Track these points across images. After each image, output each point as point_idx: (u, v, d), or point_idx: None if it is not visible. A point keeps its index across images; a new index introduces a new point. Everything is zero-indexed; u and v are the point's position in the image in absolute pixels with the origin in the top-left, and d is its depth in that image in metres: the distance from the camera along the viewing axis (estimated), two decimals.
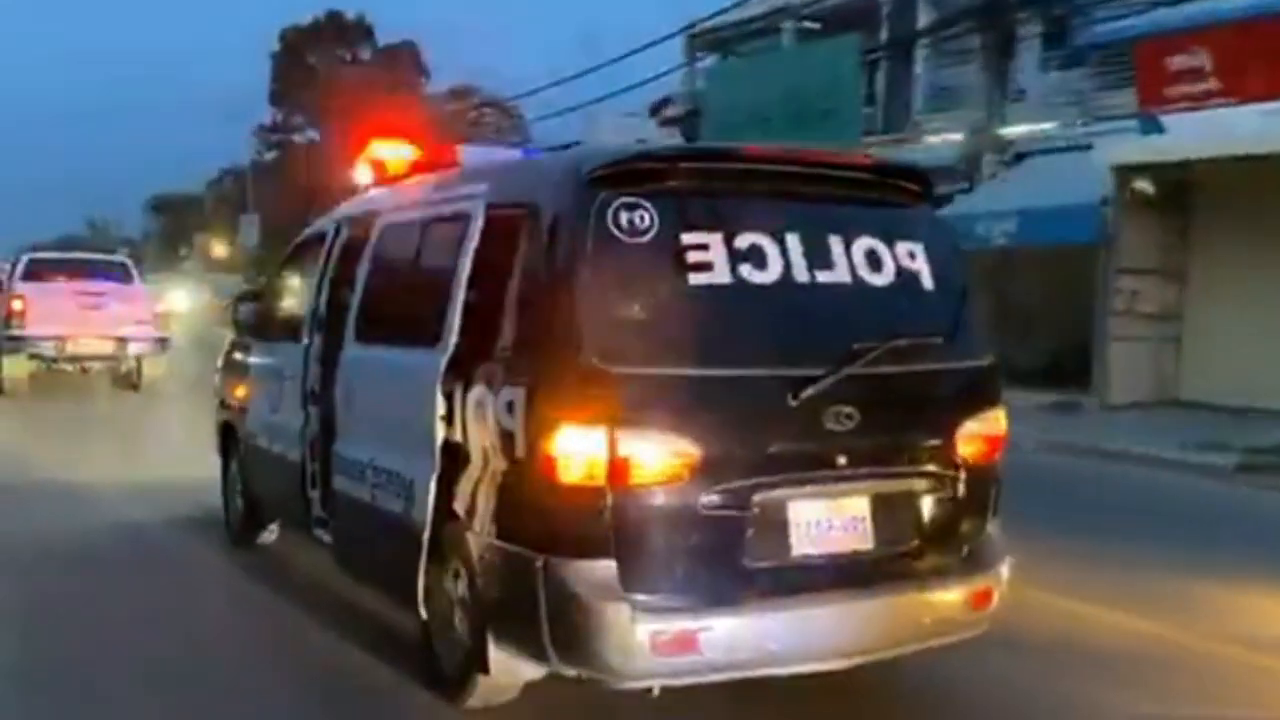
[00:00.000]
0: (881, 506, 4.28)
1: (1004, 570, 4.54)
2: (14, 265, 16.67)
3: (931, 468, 4.40)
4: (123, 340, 15.69)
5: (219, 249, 61.92)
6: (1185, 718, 4.87)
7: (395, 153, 6.13)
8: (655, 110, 25.93)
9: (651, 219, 4.02)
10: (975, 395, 4.59)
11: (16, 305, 15.23)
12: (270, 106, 59.74)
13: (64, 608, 5.98)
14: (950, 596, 4.40)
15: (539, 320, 4.07)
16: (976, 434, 4.51)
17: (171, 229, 77.13)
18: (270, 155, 60.13)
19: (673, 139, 23.39)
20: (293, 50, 58.13)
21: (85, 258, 19.56)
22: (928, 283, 4.52)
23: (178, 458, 9.35)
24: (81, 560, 6.90)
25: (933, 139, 19.73)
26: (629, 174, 4.10)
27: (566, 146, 8.72)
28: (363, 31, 58.97)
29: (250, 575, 6.70)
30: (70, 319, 15.31)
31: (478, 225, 4.47)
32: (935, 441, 4.42)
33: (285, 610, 6.03)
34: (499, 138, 53.79)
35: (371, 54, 58.48)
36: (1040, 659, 5.31)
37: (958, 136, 18.90)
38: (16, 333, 15.13)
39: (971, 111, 18.91)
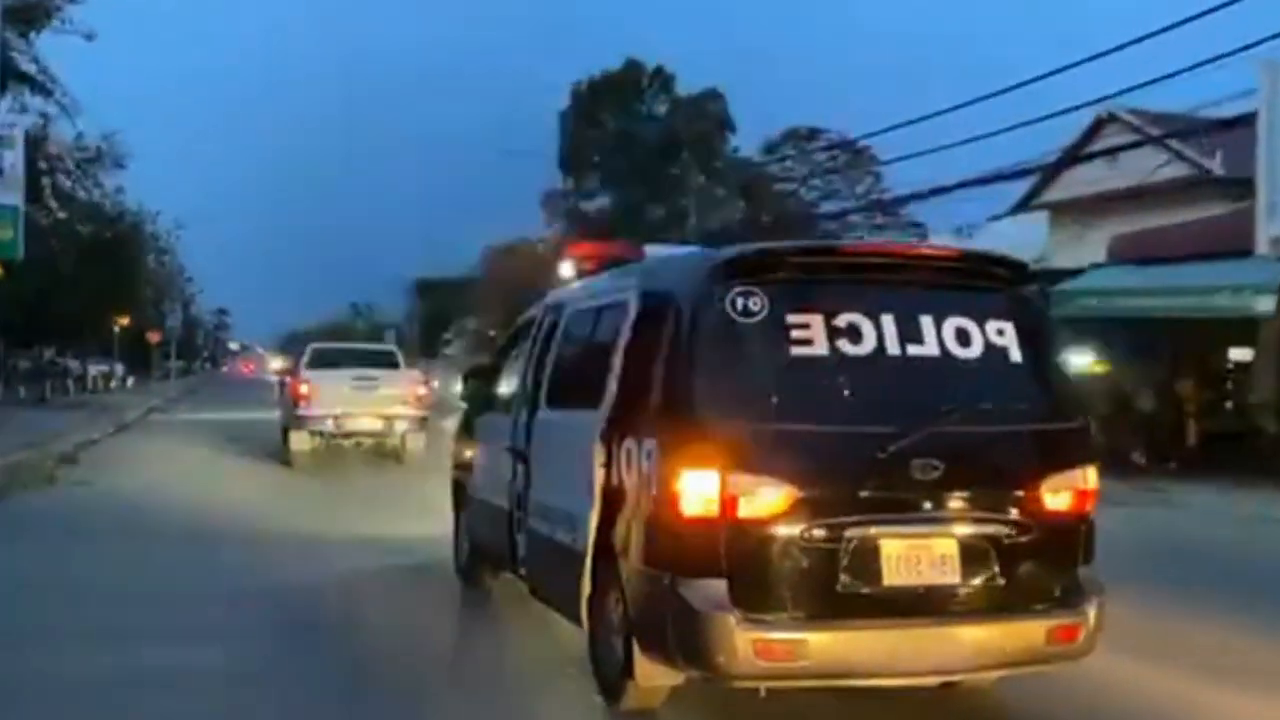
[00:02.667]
0: (967, 547, 4.96)
1: (1092, 610, 5.07)
2: (300, 355, 19.46)
3: (1016, 516, 5.03)
4: (390, 419, 17.94)
5: (489, 330, 58.11)
6: None
7: (592, 252, 7.38)
8: None
9: (763, 303, 4.97)
10: (1062, 453, 5.20)
11: (303, 389, 17.73)
12: (560, 172, 53.34)
13: (317, 626, 7.46)
14: (1032, 630, 4.99)
15: (671, 385, 5.06)
16: (1062, 488, 5.12)
17: (434, 312, 76.60)
18: (557, 226, 53.75)
19: None
20: (585, 107, 52.36)
21: (359, 348, 22.88)
22: (1015, 355, 5.21)
23: (428, 517, 10.87)
24: (340, 594, 8.45)
25: None
26: (746, 267, 5.09)
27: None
28: (662, 81, 52.68)
29: (470, 607, 8.06)
30: (346, 401, 17.70)
31: (632, 310, 5.55)
32: (1019, 493, 5.07)
33: (493, 633, 7.29)
34: (842, 180, 47.03)
35: (670, 106, 52.22)
36: None
37: None
38: (302, 413, 17.62)
39: None
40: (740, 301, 4.96)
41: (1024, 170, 24.34)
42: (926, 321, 5.13)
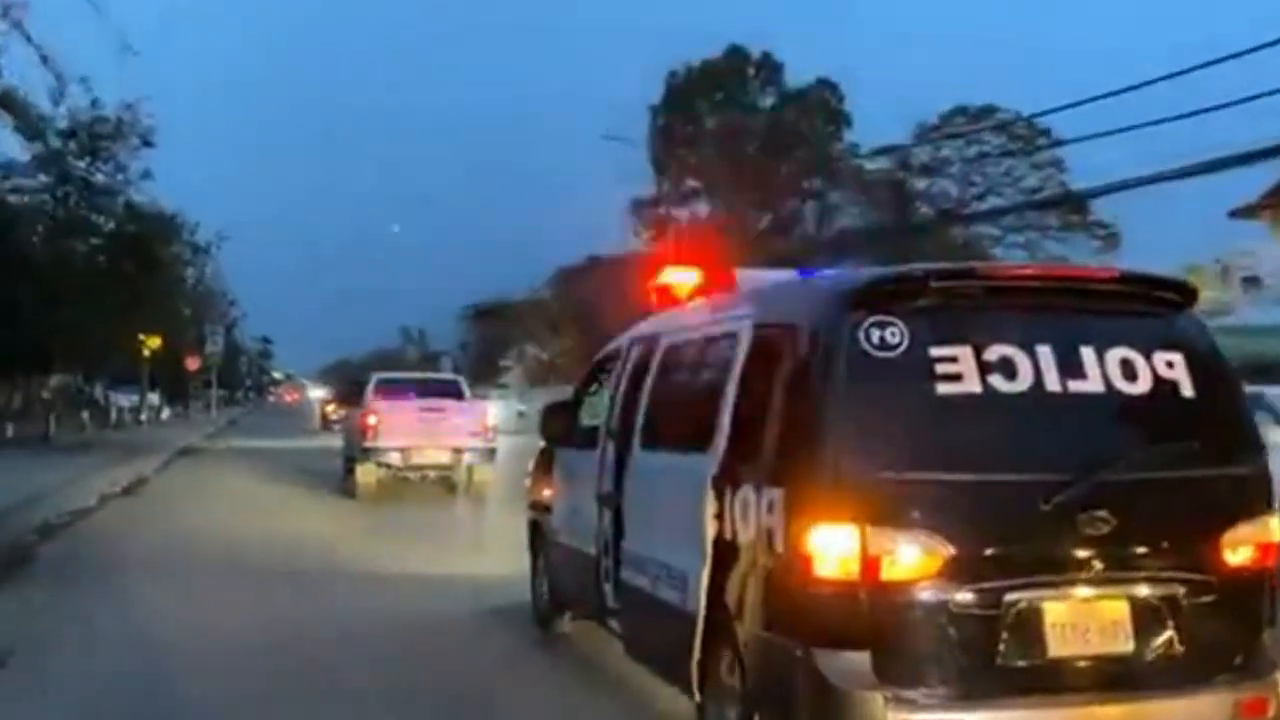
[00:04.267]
0: (1140, 610, 4.32)
1: None
2: (352, 384, 18.99)
3: (1193, 574, 4.38)
4: (458, 451, 17.34)
5: (555, 357, 55.36)
6: None
7: (681, 278, 6.83)
8: None
9: (902, 335, 4.37)
10: (1243, 501, 4.54)
11: (370, 420, 17.18)
12: (653, 172, 45.68)
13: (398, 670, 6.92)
14: (1216, 705, 4.34)
15: (797, 427, 4.47)
16: (1244, 540, 4.46)
17: (491, 338, 71.82)
18: (647, 235, 46.36)
19: None
20: (680, 100, 45.31)
21: (426, 377, 22.80)
22: (1187, 390, 4.56)
23: (501, 555, 10.36)
24: (410, 636, 7.91)
25: None
26: (881, 295, 4.49)
27: None
28: (769, 71, 45.35)
29: (547, 655, 7.52)
30: (414, 432, 17.16)
31: (745, 343, 4.98)
32: (1197, 547, 4.42)
33: (581, 692, 6.69)
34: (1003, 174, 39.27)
35: (777, 99, 45.26)
36: None
37: None
38: (369, 445, 17.08)
39: None
40: (876, 333, 4.37)
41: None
42: (1087, 353, 4.50)
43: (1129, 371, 4.51)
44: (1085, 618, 4.30)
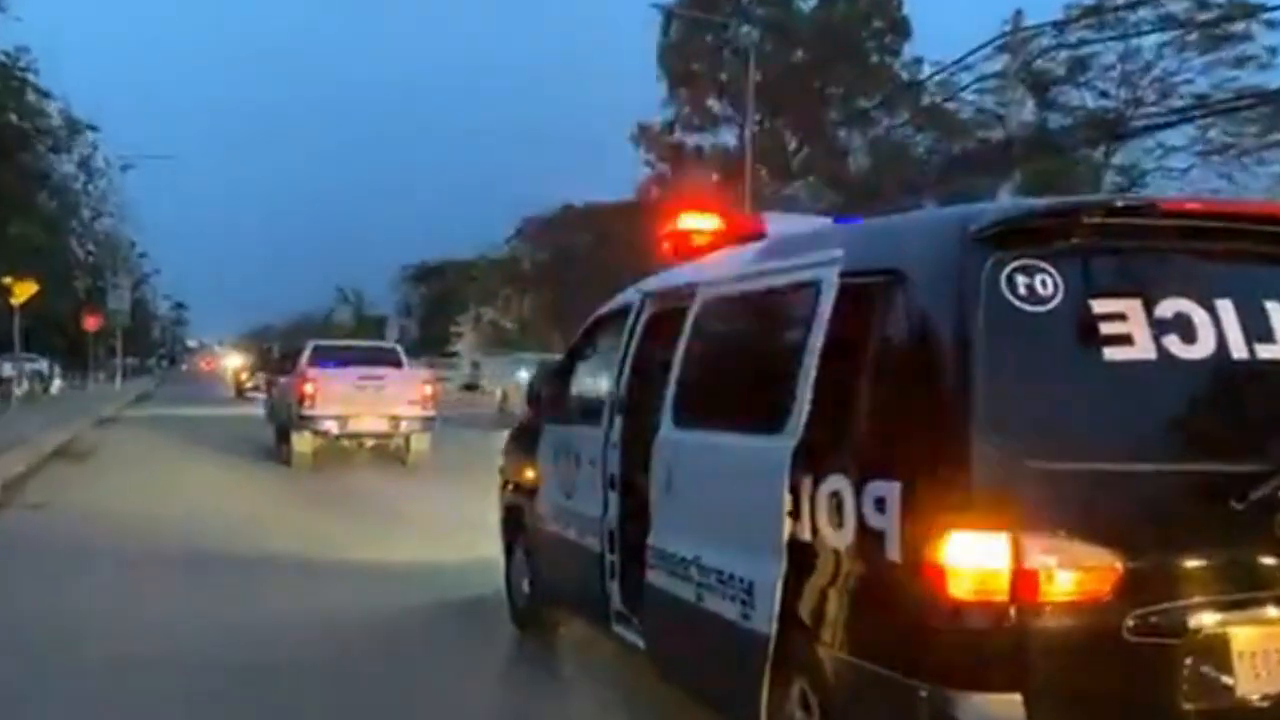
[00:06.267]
0: None
1: None
2: (300, 352, 18.34)
3: None
4: (396, 419, 16.66)
5: (516, 319, 50.78)
6: None
7: (701, 223, 5.82)
8: None
9: (1055, 284, 3.42)
10: None
11: (307, 388, 16.39)
12: (664, 89, 38.27)
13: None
14: None
15: (918, 403, 3.50)
16: None
17: (435, 301, 66.18)
18: (661, 169, 39.59)
19: None
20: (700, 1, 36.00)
21: (363, 344, 22.54)
22: None
23: (455, 535, 9.27)
24: (364, 638, 6.80)
25: None
26: (1025, 232, 3.52)
27: None
28: None
29: (538, 668, 6.43)
30: (351, 400, 16.43)
31: (831, 295, 3.97)
32: None
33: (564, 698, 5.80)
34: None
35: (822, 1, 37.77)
36: None
37: None
38: (306, 412, 16.29)
39: None
40: (1022, 280, 3.41)
41: None
42: (1275, 309, 3.61)
43: None
44: (1276, 645, 3.42)
